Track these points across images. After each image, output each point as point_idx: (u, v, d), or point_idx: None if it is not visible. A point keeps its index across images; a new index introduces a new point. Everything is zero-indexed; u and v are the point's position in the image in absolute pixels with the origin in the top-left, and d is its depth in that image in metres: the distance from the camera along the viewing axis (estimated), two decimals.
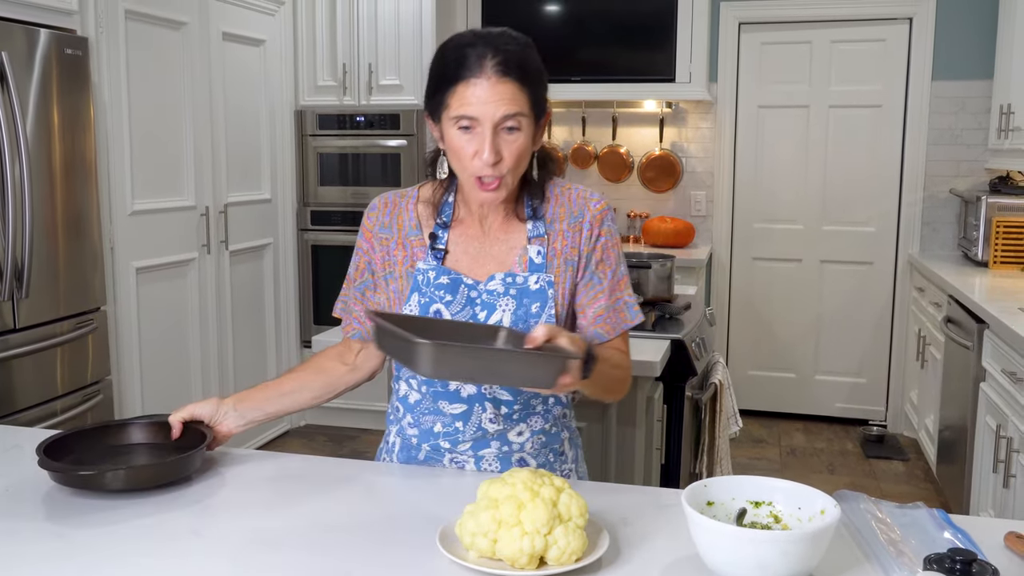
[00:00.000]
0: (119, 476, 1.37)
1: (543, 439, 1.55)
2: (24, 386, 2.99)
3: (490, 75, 1.37)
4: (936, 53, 4.71)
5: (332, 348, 1.67)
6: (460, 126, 1.39)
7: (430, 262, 1.50)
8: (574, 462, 1.63)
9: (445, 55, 1.42)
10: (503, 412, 1.50)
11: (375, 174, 4.70)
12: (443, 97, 1.40)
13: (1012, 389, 2.82)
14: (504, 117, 1.37)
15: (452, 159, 1.44)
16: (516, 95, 1.38)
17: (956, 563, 1.07)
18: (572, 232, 1.51)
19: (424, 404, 1.53)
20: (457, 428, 1.51)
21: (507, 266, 1.50)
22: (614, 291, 1.54)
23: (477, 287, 1.48)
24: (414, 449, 1.57)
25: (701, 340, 2.85)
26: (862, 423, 4.97)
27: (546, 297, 1.47)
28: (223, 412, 1.57)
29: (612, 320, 1.54)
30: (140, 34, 3.59)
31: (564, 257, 1.51)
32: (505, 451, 1.52)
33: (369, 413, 4.67)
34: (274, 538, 1.25)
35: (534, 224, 1.51)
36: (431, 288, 1.48)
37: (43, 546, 1.22)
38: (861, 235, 4.97)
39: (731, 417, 2.96)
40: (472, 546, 1.15)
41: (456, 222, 1.53)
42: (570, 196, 1.53)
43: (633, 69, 4.82)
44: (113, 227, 3.47)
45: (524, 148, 1.42)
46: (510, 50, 1.39)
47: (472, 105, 1.37)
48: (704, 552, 1.11)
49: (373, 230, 1.57)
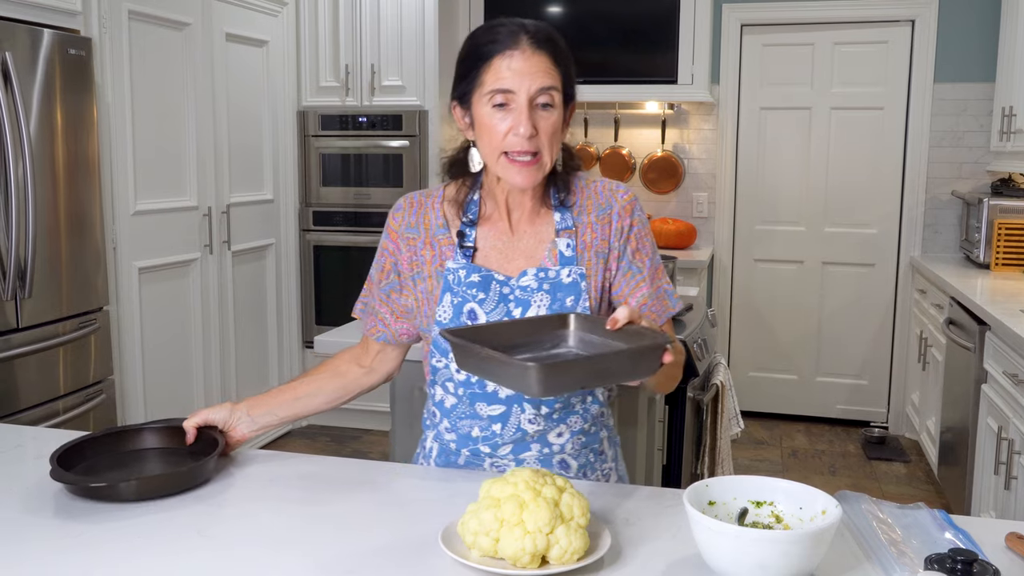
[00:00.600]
0: (131, 487, 1.36)
1: (583, 439, 1.52)
2: (27, 385, 2.99)
3: (525, 47, 1.37)
4: (938, 55, 4.71)
5: (348, 351, 1.65)
6: (495, 103, 1.38)
7: (459, 260, 1.48)
8: (614, 461, 1.61)
9: (475, 37, 1.42)
10: (543, 412, 1.47)
11: (377, 175, 4.71)
12: (476, 75, 1.39)
13: (1013, 391, 2.82)
14: (540, 90, 1.37)
15: (483, 141, 1.42)
16: (551, 68, 1.38)
17: (957, 563, 1.07)
18: (601, 224, 1.50)
19: (461, 408, 1.51)
20: (495, 431, 1.48)
21: (537, 260, 1.48)
22: (654, 279, 1.53)
23: (509, 283, 1.46)
24: (453, 454, 1.54)
25: (703, 341, 2.85)
26: (864, 425, 4.97)
27: (579, 290, 1.46)
28: (236, 417, 1.57)
29: (657, 308, 1.53)
30: (143, 35, 3.60)
31: (595, 250, 1.49)
32: (546, 453, 1.49)
33: (372, 414, 4.68)
34: (278, 537, 1.25)
35: (562, 216, 1.49)
36: (463, 287, 1.46)
37: (49, 545, 1.22)
38: (863, 237, 4.97)
39: (733, 418, 2.96)
40: (474, 545, 1.15)
41: (483, 219, 1.51)
42: (596, 188, 1.52)
43: (635, 71, 4.83)
44: (116, 227, 3.48)
45: (557, 126, 1.41)
46: (541, 27, 1.41)
47: (508, 78, 1.36)
48: (705, 552, 1.11)
49: (399, 230, 1.54)
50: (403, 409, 2.73)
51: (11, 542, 1.23)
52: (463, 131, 1.48)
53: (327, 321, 4.71)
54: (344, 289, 4.80)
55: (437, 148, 4.62)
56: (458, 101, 1.45)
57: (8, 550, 1.21)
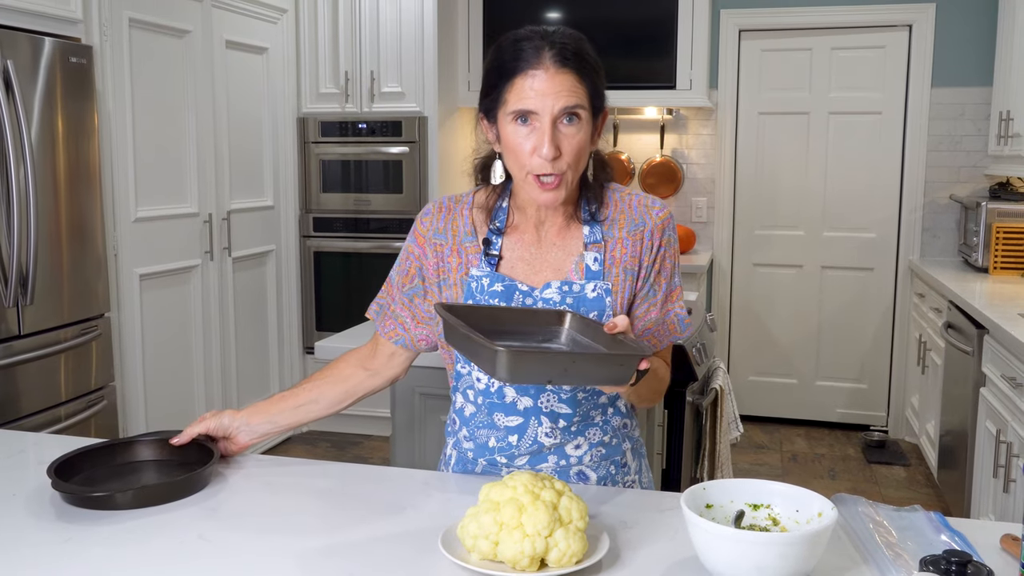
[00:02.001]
0: (132, 495, 1.37)
1: (603, 451, 1.50)
2: (29, 392, 3.00)
3: (548, 66, 1.34)
4: (936, 60, 4.73)
5: (353, 353, 1.63)
6: (518, 122, 1.36)
7: (483, 269, 1.46)
8: (637, 473, 1.58)
9: (501, 50, 1.39)
10: (561, 425, 1.46)
11: (377, 181, 4.72)
12: (500, 93, 1.37)
13: (1012, 394, 2.82)
14: (563, 110, 1.34)
15: (509, 159, 1.40)
16: (575, 86, 1.35)
17: (952, 565, 1.08)
18: (632, 241, 1.47)
19: (479, 417, 1.50)
20: (511, 442, 1.47)
21: (563, 273, 1.46)
22: (666, 303, 1.51)
23: (532, 294, 1.45)
24: (470, 463, 1.53)
25: (702, 345, 2.86)
26: (863, 428, 4.98)
27: (604, 305, 1.44)
28: (236, 426, 1.56)
29: (659, 333, 1.52)
30: (144, 42, 3.62)
31: (623, 266, 1.47)
32: (563, 465, 1.48)
33: (372, 419, 4.69)
34: (278, 542, 1.26)
35: (591, 229, 1.47)
36: (484, 296, 1.45)
37: (50, 550, 1.23)
38: (862, 241, 4.99)
39: (732, 422, 2.97)
40: (474, 548, 1.16)
41: (511, 228, 1.49)
42: (630, 203, 1.49)
43: (634, 76, 4.84)
44: (117, 234, 3.49)
45: (583, 143, 1.38)
46: (567, 42, 1.37)
47: (530, 98, 1.34)
48: (703, 554, 1.12)
49: (427, 235, 1.51)
50: (404, 414, 2.74)
51: (14, 547, 1.24)
52: (491, 143, 1.45)
53: (327, 327, 4.72)
54: (344, 295, 4.81)
55: (437, 154, 4.63)
56: (484, 115, 1.43)
57: (11, 555, 1.22)
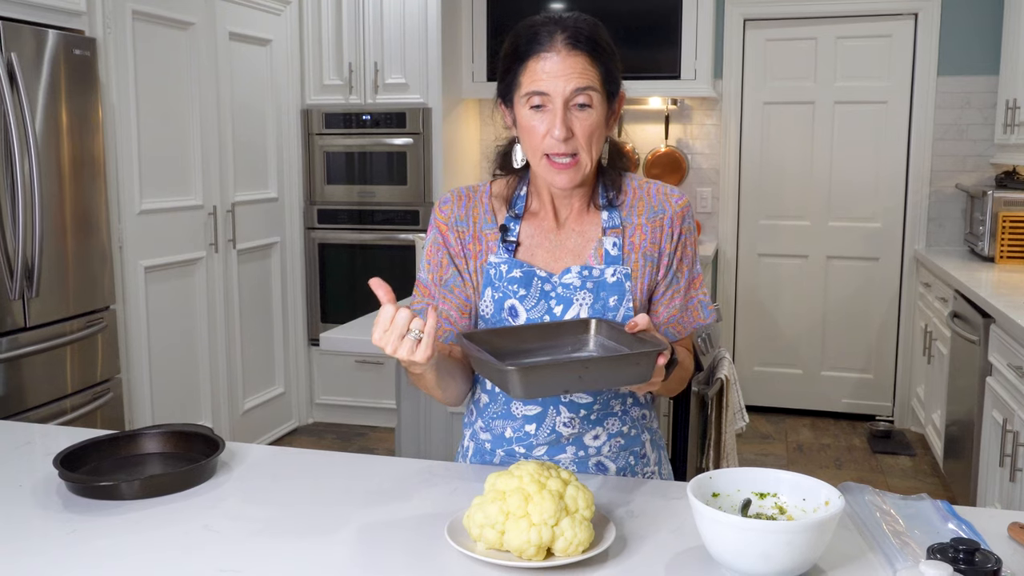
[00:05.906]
0: (134, 487, 1.38)
1: (621, 442, 1.50)
2: (34, 384, 3.01)
3: (560, 48, 1.36)
4: (942, 48, 4.70)
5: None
6: (532, 104, 1.38)
7: (502, 255, 1.47)
8: (657, 464, 1.58)
9: (517, 35, 1.41)
10: (580, 415, 1.46)
11: (381, 173, 4.72)
12: (515, 76, 1.40)
13: (1018, 383, 2.82)
14: (575, 91, 1.36)
15: (525, 142, 1.42)
16: (587, 68, 1.37)
17: (959, 553, 1.08)
18: (652, 227, 1.48)
19: (494, 408, 1.50)
20: (528, 432, 1.47)
21: (582, 259, 1.47)
22: (689, 290, 1.52)
23: (551, 280, 1.45)
24: (488, 454, 1.53)
25: (707, 336, 2.86)
26: (869, 419, 4.97)
27: (623, 290, 1.44)
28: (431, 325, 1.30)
29: (684, 320, 1.52)
30: (148, 34, 3.62)
31: (642, 251, 1.47)
32: (581, 456, 1.48)
33: (377, 411, 4.69)
34: (285, 531, 1.26)
35: (609, 214, 1.48)
36: (504, 282, 1.45)
37: (57, 539, 1.24)
38: (867, 231, 4.97)
39: (737, 412, 2.97)
40: (480, 538, 1.16)
41: (529, 214, 1.50)
42: (648, 190, 1.50)
43: (638, 66, 4.82)
44: (122, 226, 3.49)
45: (596, 125, 1.39)
46: (580, 26, 1.39)
47: (543, 80, 1.36)
48: (709, 543, 1.12)
49: (449, 222, 1.51)
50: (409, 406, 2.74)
51: (22, 536, 1.25)
52: (508, 128, 1.47)
53: (332, 319, 4.72)
54: (349, 287, 4.81)
55: (441, 145, 4.63)
56: (501, 99, 1.46)
57: (18, 544, 1.22)
